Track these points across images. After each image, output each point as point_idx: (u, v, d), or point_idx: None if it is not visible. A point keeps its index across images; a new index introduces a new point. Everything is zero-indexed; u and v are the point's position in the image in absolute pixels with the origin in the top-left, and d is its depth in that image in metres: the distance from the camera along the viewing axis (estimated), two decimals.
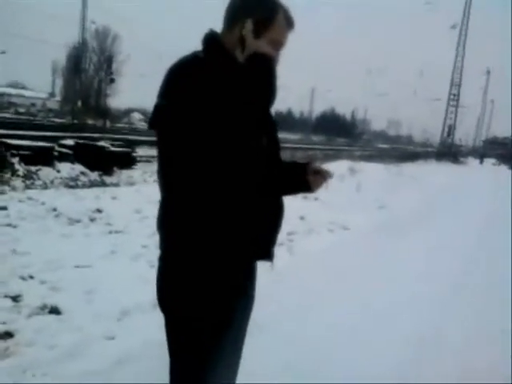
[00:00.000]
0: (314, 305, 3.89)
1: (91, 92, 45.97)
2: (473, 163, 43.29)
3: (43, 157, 10.97)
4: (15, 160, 10.25)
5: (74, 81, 45.07)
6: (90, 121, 35.74)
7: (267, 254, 1.56)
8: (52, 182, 10.17)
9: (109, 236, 5.26)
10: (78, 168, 11.62)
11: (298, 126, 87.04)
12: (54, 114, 41.72)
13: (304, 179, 1.59)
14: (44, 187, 9.29)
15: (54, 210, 5.95)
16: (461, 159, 42.67)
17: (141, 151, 17.24)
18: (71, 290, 3.57)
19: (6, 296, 3.36)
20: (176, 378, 1.52)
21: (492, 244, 7.23)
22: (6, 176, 9.57)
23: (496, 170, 33.91)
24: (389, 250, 6.00)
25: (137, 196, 7.39)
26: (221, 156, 1.31)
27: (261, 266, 1.66)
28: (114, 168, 12.67)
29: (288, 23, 1.48)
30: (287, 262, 4.88)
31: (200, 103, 1.29)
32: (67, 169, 11.31)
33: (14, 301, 3.30)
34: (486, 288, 4.83)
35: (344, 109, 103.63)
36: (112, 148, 13.49)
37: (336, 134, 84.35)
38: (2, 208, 5.78)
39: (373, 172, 14.41)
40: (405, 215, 8.85)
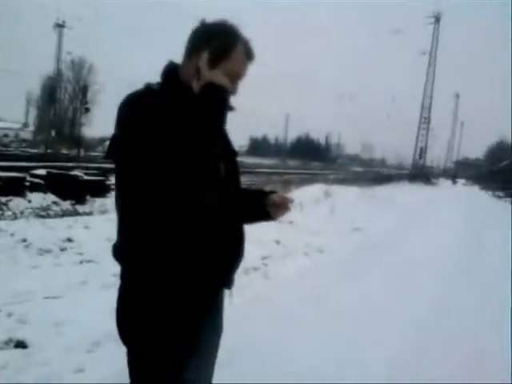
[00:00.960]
0: (289, 329, 3.86)
1: (65, 121, 45.73)
2: (444, 184, 44.25)
3: (14, 187, 10.77)
4: None
5: (49, 111, 44.79)
6: (64, 150, 35.39)
7: (226, 282, 1.56)
8: (22, 213, 9.95)
9: (80, 266, 5.15)
10: (50, 198, 11.43)
11: (274, 152, 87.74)
12: (28, 144, 41.24)
13: (264, 208, 1.61)
14: (13, 218, 9.09)
15: (24, 241, 5.80)
16: (433, 180, 43.55)
17: (114, 179, 17.07)
18: (39, 323, 3.47)
19: None
20: None
21: (467, 261, 7.34)
22: None
23: (468, 190, 34.68)
24: (364, 272, 6.03)
25: (109, 224, 7.27)
26: (174, 185, 1.32)
27: (234, 291, 1.64)
28: (87, 197, 12.51)
29: (247, 55, 1.50)
30: (262, 287, 4.85)
31: (152, 134, 1.31)
32: (39, 199, 11.12)
33: None
34: (465, 308, 4.85)
35: (318, 134, 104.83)
36: (85, 177, 13.36)
37: (311, 159, 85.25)
38: None
39: (347, 195, 14.56)
40: (379, 236, 8.92)
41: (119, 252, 1.46)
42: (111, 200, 13.10)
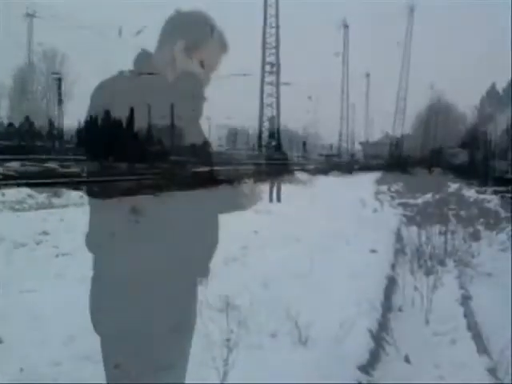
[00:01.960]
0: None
1: (39, 113, 44.82)
2: (420, 172, 44.89)
3: None
4: None
5: (21, 103, 43.87)
6: (39, 142, 34.67)
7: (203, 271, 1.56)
8: None
9: (55, 259, 5.09)
10: (25, 191, 11.22)
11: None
12: (0, 137, 40.27)
13: None
14: None
15: None
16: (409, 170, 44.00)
17: None
18: (14, 317, 3.42)
19: None
20: None
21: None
22: None
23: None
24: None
25: (85, 217, 7.18)
26: None
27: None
28: (63, 189, 12.32)
29: (221, 47, 1.53)
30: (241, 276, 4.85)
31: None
32: (13, 192, 10.91)
33: None
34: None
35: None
36: (61, 169, 13.16)
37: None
38: None
39: (326, 184, 14.70)
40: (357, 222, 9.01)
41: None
42: None
